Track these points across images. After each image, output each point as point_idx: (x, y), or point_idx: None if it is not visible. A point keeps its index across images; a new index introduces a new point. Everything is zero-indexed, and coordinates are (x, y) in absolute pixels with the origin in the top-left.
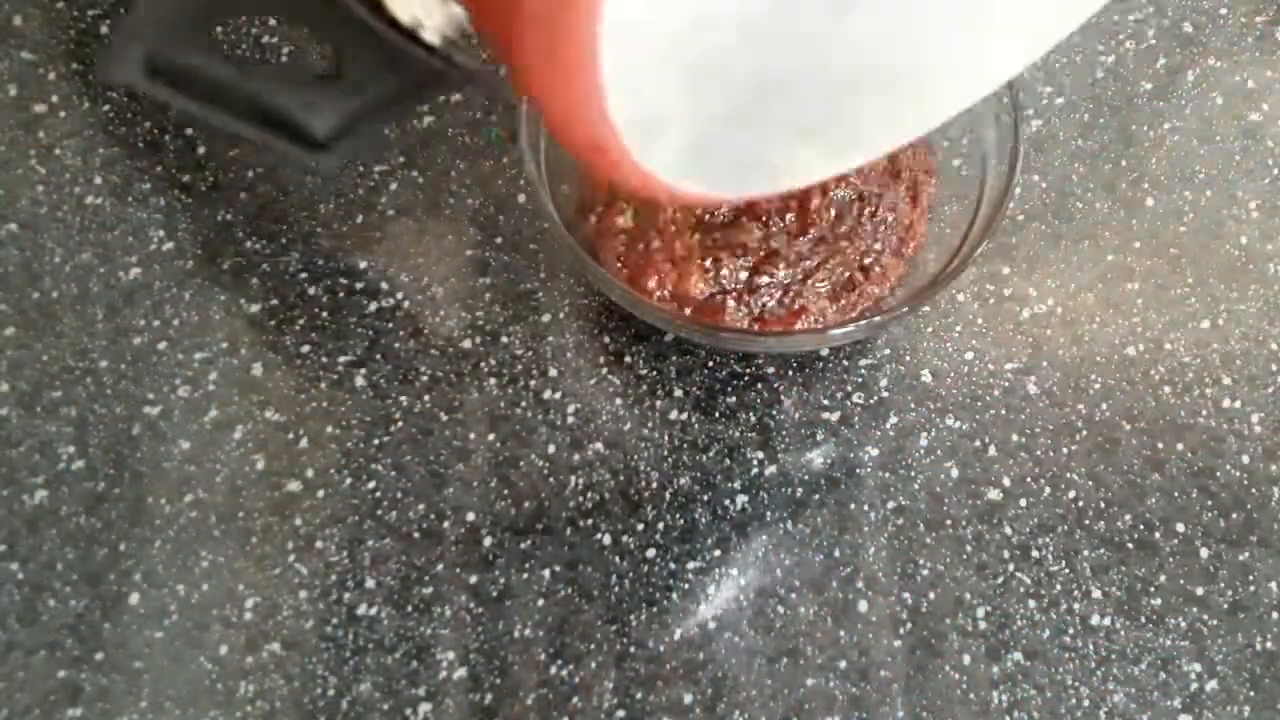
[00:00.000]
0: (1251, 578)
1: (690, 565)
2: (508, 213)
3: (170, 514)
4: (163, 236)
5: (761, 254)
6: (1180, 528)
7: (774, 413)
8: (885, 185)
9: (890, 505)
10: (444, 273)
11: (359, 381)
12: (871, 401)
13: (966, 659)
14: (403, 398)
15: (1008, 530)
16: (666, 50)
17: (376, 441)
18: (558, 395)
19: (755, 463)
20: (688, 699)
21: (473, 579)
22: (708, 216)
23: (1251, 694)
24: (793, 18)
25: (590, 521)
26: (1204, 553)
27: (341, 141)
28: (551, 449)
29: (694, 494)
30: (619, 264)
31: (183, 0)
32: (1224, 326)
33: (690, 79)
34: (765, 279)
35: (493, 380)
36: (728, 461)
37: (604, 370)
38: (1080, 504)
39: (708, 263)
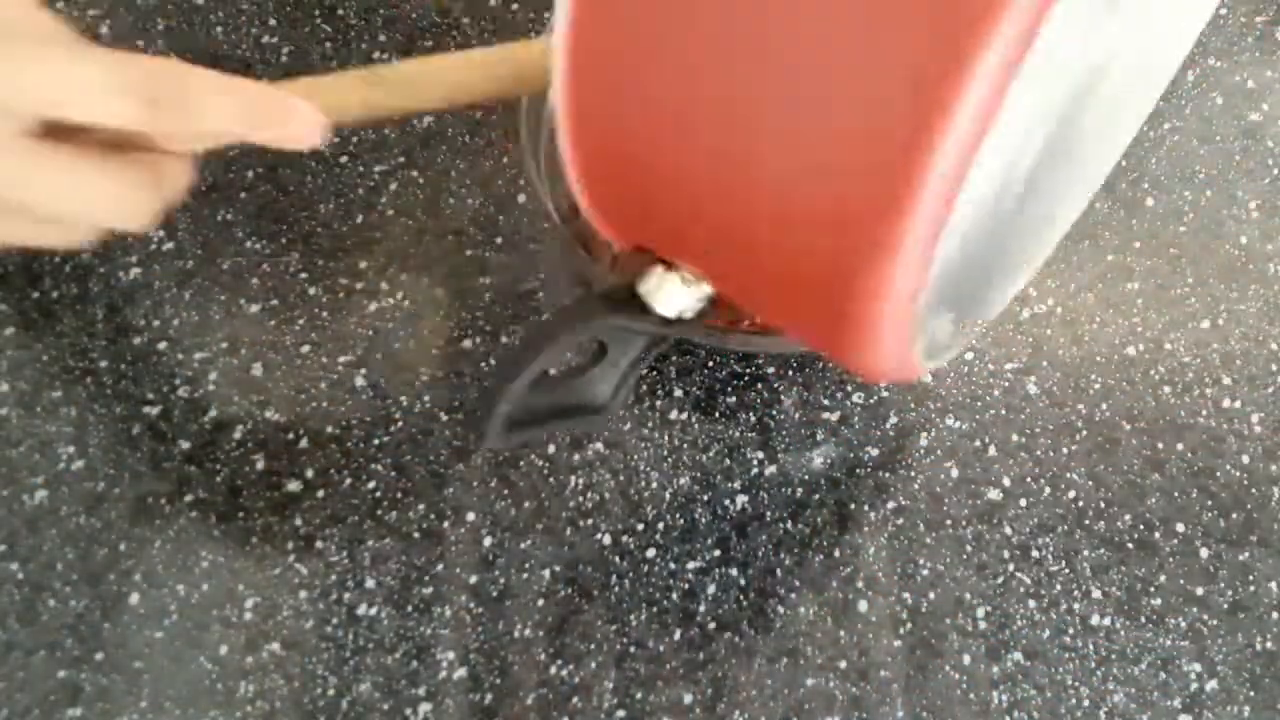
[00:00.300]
0: (1251, 578)
1: (690, 565)
2: (508, 213)
3: (170, 514)
4: (163, 236)
5: None
6: (1180, 528)
7: (774, 413)
8: None
9: (890, 505)
10: (444, 273)
11: (359, 381)
12: (871, 401)
13: (966, 659)
14: (403, 398)
15: (1008, 530)
16: (941, 294)
17: (376, 441)
18: None
19: (755, 463)
20: (688, 699)
21: (473, 579)
22: None
23: (1251, 694)
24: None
25: (590, 521)
26: (1204, 553)
27: (614, 399)
28: (551, 449)
29: (694, 494)
30: (612, 263)
31: (528, 383)
32: (1224, 326)
33: (959, 294)
34: None
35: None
36: (728, 461)
37: None
38: (1080, 504)
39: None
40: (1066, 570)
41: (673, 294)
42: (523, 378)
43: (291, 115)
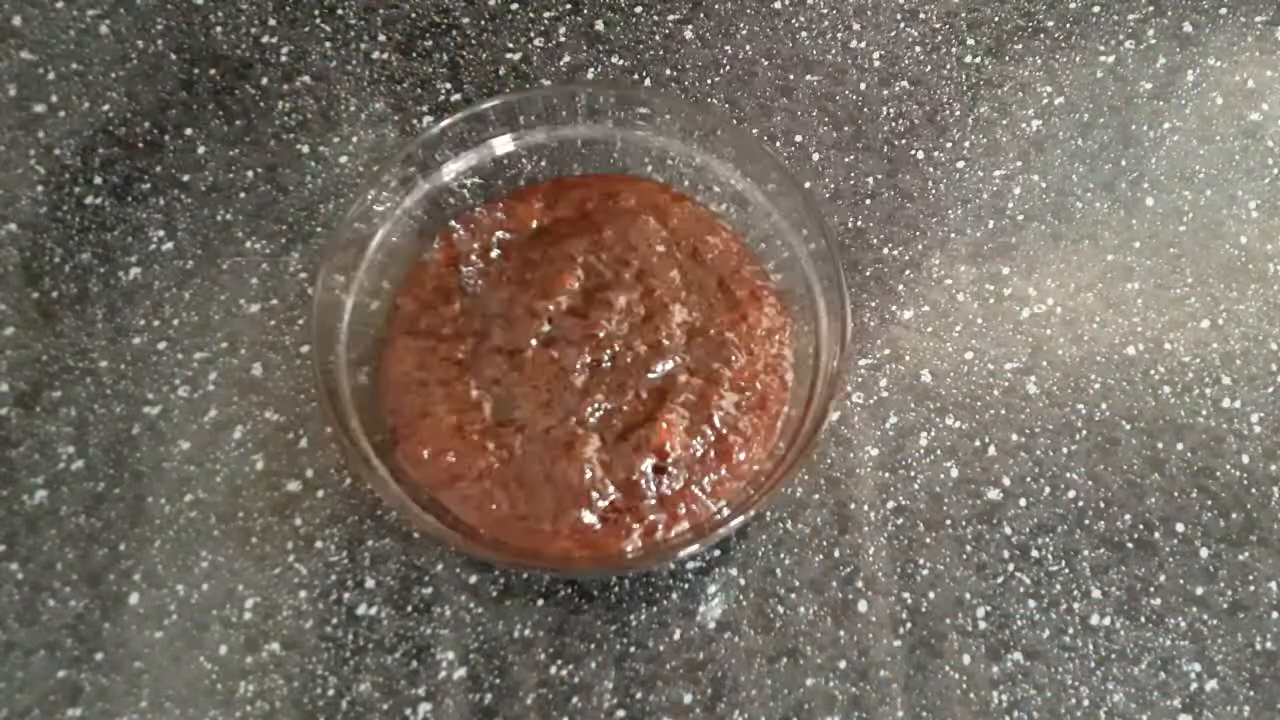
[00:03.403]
0: (1251, 578)
1: (690, 565)
2: None
3: (170, 514)
4: (163, 236)
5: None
6: (1180, 528)
7: None
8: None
9: (890, 505)
10: None
11: (360, 381)
12: (871, 401)
13: (966, 659)
14: None
15: (1008, 530)
16: None
17: None
18: None
19: None
20: (688, 699)
21: (473, 579)
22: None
23: (1251, 694)
24: None
25: None
26: (1204, 553)
27: None
28: None
29: None
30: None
31: None
32: (1224, 326)
33: None
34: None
35: None
36: None
37: None
38: (1080, 504)
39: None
40: (1066, 570)
41: None
42: None
43: None
